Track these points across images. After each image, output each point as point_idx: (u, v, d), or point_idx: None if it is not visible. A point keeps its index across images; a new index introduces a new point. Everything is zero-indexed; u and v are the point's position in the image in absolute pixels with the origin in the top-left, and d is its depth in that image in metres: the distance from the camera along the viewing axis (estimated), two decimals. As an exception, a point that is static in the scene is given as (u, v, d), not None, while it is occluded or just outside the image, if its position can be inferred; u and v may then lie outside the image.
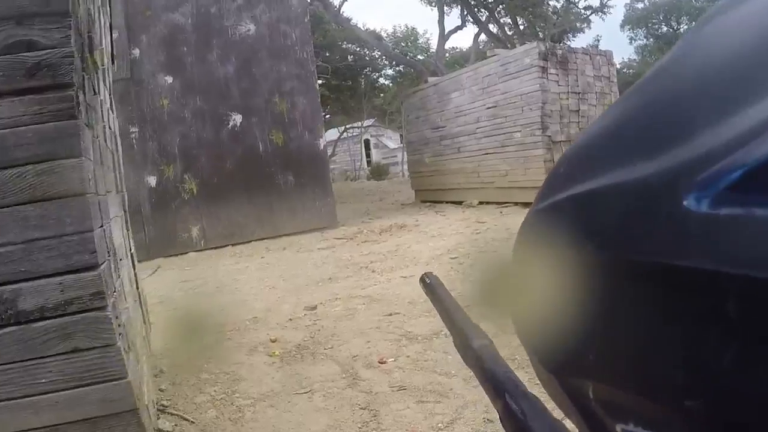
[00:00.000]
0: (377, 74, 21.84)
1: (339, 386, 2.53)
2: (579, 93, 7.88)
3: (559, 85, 7.54)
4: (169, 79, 7.00)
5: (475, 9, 14.72)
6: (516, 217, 7.09)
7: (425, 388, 2.39)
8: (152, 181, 7.00)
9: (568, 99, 7.71)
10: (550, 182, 0.40)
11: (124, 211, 2.75)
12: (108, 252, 1.82)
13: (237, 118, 7.27)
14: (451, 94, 9.03)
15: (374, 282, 4.45)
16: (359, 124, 22.79)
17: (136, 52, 6.87)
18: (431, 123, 9.69)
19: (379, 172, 23.08)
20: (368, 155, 28.43)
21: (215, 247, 7.26)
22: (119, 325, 1.70)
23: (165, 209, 7.04)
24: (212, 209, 7.19)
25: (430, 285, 0.67)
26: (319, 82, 20.18)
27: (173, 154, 7.05)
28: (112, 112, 2.69)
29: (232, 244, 7.30)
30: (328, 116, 25.39)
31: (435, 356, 2.74)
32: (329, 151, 26.51)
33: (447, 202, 9.41)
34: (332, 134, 25.81)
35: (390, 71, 21.49)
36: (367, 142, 28.15)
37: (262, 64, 7.36)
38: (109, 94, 2.63)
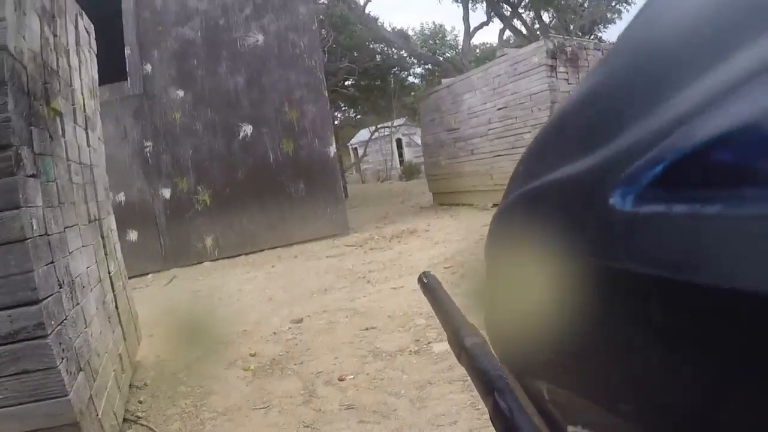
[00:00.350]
0: (406, 73, 22.04)
1: (295, 402, 2.74)
2: (592, 90, 7.85)
3: (569, 84, 7.55)
4: (181, 93, 7.37)
5: (500, 4, 14.70)
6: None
7: (371, 408, 2.56)
8: (167, 193, 7.37)
9: (580, 97, 7.70)
10: (510, 183, 0.40)
11: (102, 237, 3.02)
12: (59, 284, 2.08)
13: (247, 129, 7.58)
14: (463, 95, 9.15)
15: (365, 293, 4.65)
16: (389, 123, 23.00)
17: (148, 67, 7.25)
18: (446, 125, 9.83)
19: (411, 171, 23.25)
20: (401, 154, 28.66)
21: (229, 257, 7.59)
22: (64, 350, 1.96)
23: (180, 220, 7.41)
24: (225, 219, 7.53)
25: (427, 284, 0.69)
26: (349, 82, 20.56)
27: (186, 166, 7.42)
28: (89, 146, 2.95)
29: (246, 253, 7.61)
30: (358, 117, 25.75)
31: (392, 375, 2.90)
32: (360, 152, 26.94)
33: (463, 205, 9.52)
34: (364, 134, 26.12)
35: (419, 70, 21.68)
36: (399, 141, 28.36)
37: (271, 74, 7.65)
38: (85, 130, 2.90)
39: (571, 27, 16.92)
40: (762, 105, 0.20)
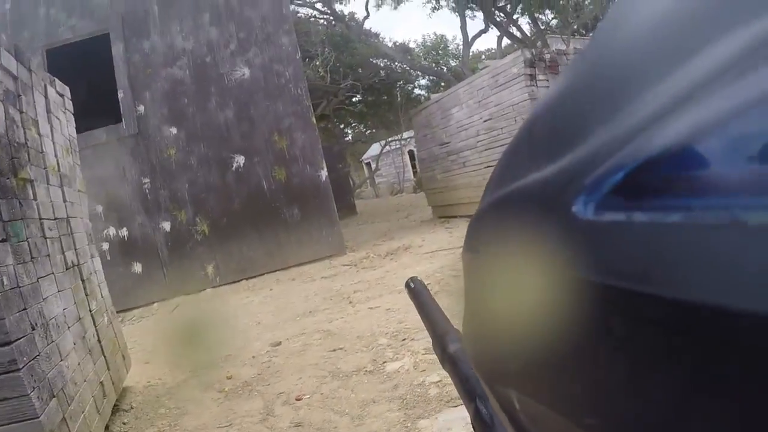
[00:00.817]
0: (411, 86, 22.62)
1: (253, 421, 3.14)
2: (575, 95, 8.13)
3: (550, 91, 7.86)
4: (174, 130, 7.93)
5: (494, 13, 15.07)
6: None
7: (316, 426, 2.90)
8: (167, 226, 7.92)
9: (561, 104, 7.98)
10: (485, 190, 0.40)
11: (82, 280, 3.49)
12: (32, 327, 2.54)
13: (240, 160, 8.10)
14: (451, 109, 9.57)
15: (343, 315, 5.04)
16: (399, 136, 23.52)
17: (141, 108, 7.84)
18: (437, 139, 10.26)
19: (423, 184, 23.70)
20: (414, 166, 29.11)
21: (230, 283, 8.08)
22: (36, 381, 2.42)
23: (181, 251, 7.94)
24: (224, 247, 8.03)
25: (414, 290, 0.70)
26: (356, 98, 21.19)
27: (184, 199, 7.96)
28: (66, 201, 3.43)
29: (246, 279, 8.10)
30: (368, 132, 26.37)
31: (343, 394, 3.24)
32: (373, 165, 27.53)
33: (460, 217, 9.88)
34: (376, 149, 26.71)
35: (423, 81, 22.23)
36: (412, 153, 28.84)
37: (259, 105, 8.17)
38: (60, 187, 3.38)
39: (575, 27, 17.17)
40: (725, 108, 0.19)
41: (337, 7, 17.52)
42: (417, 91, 23.04)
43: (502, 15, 15.61)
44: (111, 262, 7.58)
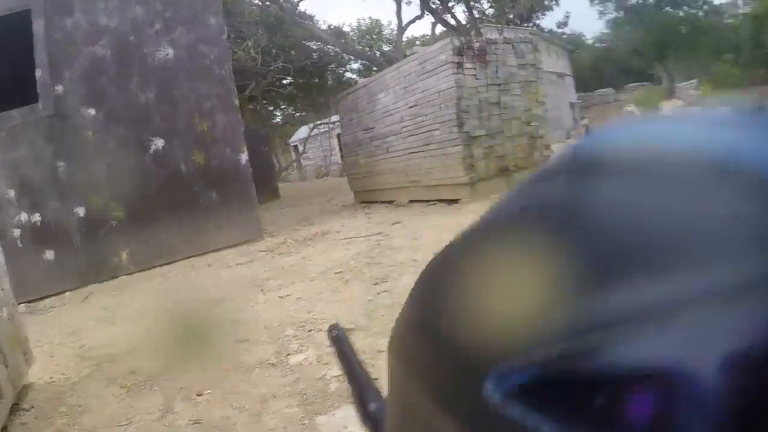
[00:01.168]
0: (343, 69, 22.55)
1: (152, 418, 3.09)
2: (500, 84, 8.33)
3: (476, 79, 8.02)
4: (92, 112, 7.61)
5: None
6: (434, 216, 7.70)
7: (214, 423, 2.89)
8: (81, 211, 7.62)
9: (487, 92, 8.18)
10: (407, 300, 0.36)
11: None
12: None
13: (159, 143, 7.89)
14: (378, 94, 9.66)
15: (253, 303, 5.04)
16: (328, 119, 23.41)
17: (60, 88, 7.45)
18: (363, 124, 10.35)
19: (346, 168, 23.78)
20: (341, 150, 29.09)
21: (145, 269, 7.89)
22: None
23: (94, 237, 7.68)
24: (140, 233, 7.82)
25: (336, 337, 0.68)
26: (287, 80, 20.88)
27: (99, 183, 7.67)
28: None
29: (161, 265, 7.93)
30: (298, 114, 26.12)
31: (244, 389, 3.23)
32: (300, 148, 27.32)
33: (381, 202, 10.03)
34: (304, 132, 26.52)
35: (355, 65, 22.21)
36: (339, 137, 28.81)
37: (182, 87, 7.97)
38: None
39: (511, 16, 17.50)
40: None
41: (272, -13, 17.18)
42: (349, 75, 23.01)
43: (437, 2, 15.71)
44: (22, 249, 7.26)
